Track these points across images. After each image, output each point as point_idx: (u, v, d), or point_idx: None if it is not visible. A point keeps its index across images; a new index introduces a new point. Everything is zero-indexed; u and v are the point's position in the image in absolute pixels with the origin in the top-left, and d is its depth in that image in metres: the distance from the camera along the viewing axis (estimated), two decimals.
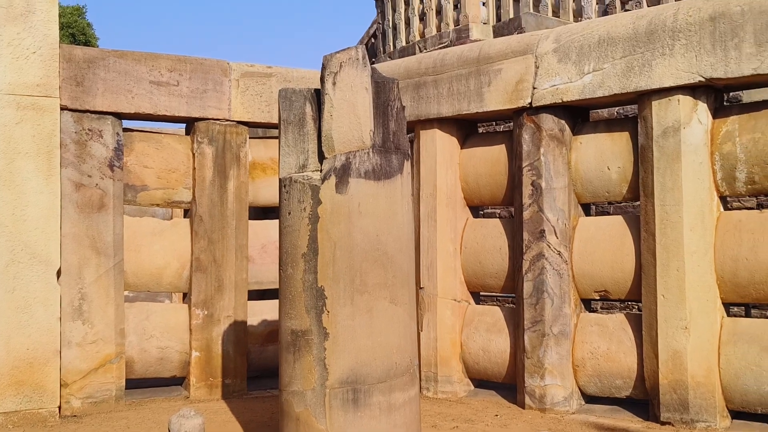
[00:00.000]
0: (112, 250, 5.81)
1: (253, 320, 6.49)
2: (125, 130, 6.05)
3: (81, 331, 5.67)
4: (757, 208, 6.84)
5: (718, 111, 5.09)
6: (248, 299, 6.43)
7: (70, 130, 5.69)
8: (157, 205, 6.28)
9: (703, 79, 4.86)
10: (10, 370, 5.36)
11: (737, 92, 6.77)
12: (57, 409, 5.53)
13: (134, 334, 6.00)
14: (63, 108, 5.64)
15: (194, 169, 6.23)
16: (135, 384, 6.11)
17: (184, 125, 6.56)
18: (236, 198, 6.31)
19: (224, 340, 6.20)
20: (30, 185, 5.46)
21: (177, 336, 6.14)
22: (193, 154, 6.24)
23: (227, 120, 6.31)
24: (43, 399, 5.46)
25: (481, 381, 6.19)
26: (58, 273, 5.56)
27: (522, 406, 5.60)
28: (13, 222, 5.39)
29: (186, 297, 6.37)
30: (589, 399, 5.57)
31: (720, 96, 5.18)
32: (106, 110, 5.82)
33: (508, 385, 5.92)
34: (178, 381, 6.33)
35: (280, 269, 4.21)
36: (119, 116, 5.93)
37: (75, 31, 23.61)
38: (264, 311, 6.60)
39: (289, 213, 4.11)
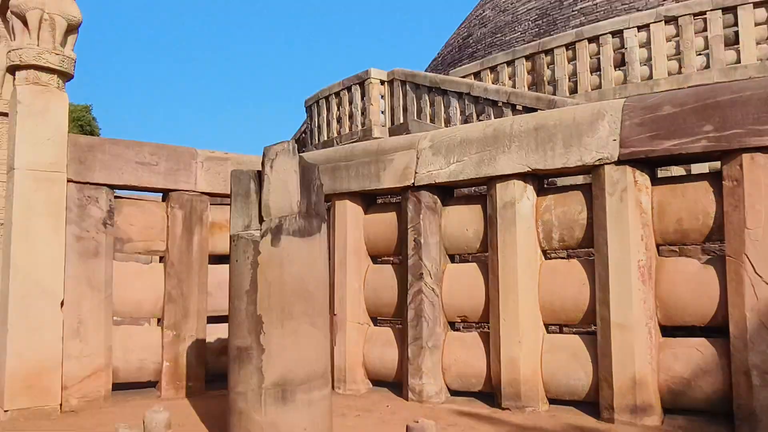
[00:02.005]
0: (104, 286, 5.63)
1: (210, 338, 6.33)
2: (116, 197, 5.91)
3: (78, 347, 5.45)
4: (566, 258, 7.11)
5: (541, 191, 5.33)
6: (207, 323, 6.28)
7: (74, 197, 5.54)
8: (140, 253, 6.12)
9: (530, 169, 5.10)
10: (24, 377, 5.12)
11: (554, 179, 7.11)
12: (59, 406, 5.28)
13: (119, 350, 5.79)
14: (69, 180, 5.49)
15: (168, 226, 6.12)
16: (119, 387, 5.85)
17: (161, 194, 6.45)
18: (199, 248, 6.21)
19: (188, 353, 6.04)
20: (42, 238, 5.29)
21: (152, 350, 5.96)
22: (168, 216, 6.13)
23: (194, 191, 6.23)
24: (47, 398, 5.21)
25: (377, 381, 6.19)
26: (62, 303, 5.36)
27: (406, 399, 5.63)
28: (28, 265, 5.20)
29: (160, 321, 6.19)
30: (453, 393, 5.63)
31: (542, 181, 5.43)
32: (101, 182, 5.68)
33: (397, 383, 5.94)
34: (153, 384, 6.10)
35: (230, 302, 4.17)
36: (112, 187, 5.79)
37: (83, 123, 22.97)
38: (218, 332, 6.45)
39: (237, 260, 4.09)
